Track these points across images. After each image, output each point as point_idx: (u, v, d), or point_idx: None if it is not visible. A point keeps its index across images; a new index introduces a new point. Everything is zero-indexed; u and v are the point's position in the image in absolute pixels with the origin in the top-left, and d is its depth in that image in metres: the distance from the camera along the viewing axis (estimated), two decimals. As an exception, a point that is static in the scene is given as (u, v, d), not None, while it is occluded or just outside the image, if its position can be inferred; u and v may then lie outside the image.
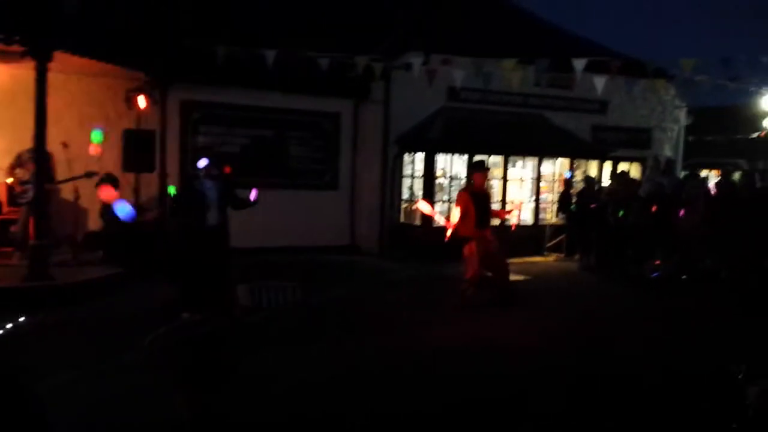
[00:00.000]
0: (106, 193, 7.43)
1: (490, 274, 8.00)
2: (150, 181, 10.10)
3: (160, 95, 10.20)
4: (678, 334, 7.09)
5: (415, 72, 10.97)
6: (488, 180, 8.37)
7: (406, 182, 12.57)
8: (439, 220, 8.38)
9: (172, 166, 10.59)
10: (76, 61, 8.35)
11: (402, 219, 12.55)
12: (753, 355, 5.76)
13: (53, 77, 7.73)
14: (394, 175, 12.55)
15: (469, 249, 7.75)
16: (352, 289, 9.20)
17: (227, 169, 7.88)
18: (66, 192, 9.06)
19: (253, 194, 7.10)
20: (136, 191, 9.79)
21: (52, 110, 7.76)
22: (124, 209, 6.34)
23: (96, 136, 7.24)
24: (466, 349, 6.28)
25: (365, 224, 12.68)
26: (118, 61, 8.80)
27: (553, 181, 13.29)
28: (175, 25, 10.65)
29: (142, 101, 9.46)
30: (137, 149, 9.27)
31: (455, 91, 12.52)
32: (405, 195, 12.56)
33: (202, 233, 6.83)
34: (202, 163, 6.95)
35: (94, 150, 7.55)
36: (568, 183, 12.41)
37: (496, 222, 9.30)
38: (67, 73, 9.29)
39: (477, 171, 8.08)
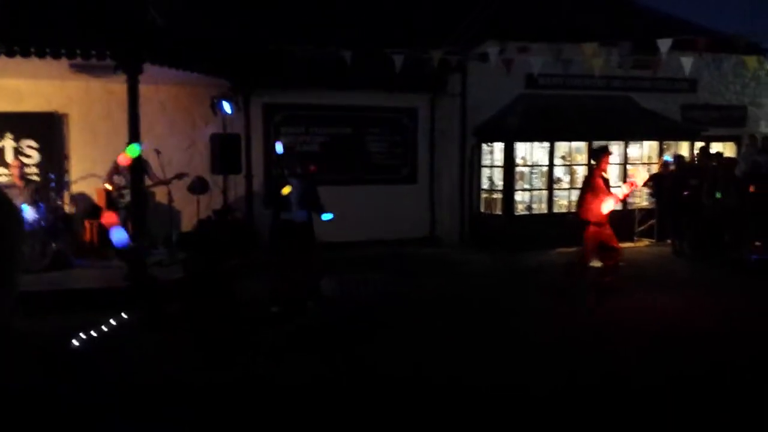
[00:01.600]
0: (107, 218, 7.75)
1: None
2: (237, 183, 10.48)
3: (243, 100, 10.55)
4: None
5: (492, 62, 10.86)
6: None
7: (485, 172, 12.45)
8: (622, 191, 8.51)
9: (257, 168, 10.97)
10: (165, 72, 8.80)
11: (482, 209, 12.44)
12: None
13: (143, 88, 8.16)
14: (472, 165, 12.46)
15: (596, 232, 7.69)
16: (437, 280, 9.21)
17: (313, 168, 8.07)
18: (160, 195, 9.57)
19: (325, 217, 7.24)
20: (224, 192, 10.18)
21: (144, 119, 8.19)
22: (119, 236, 6.52)
23: (133, 149, 7.62)
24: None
25: (445, 216, 12.66)
26: (202, 69, 9.19)
27: (642, 164, 12.79)
28: (255, 32, 11.05)
29: (226, 107, 9.83)
30: (224, 152, 9.64)
31: (533, 78, 12.25)
32: (485, 185, 12.45)
33: (287, 229, 7.05)
34: (278, 147, 7.20)
35: (124, 160, 7.95)
36: (665, 165, 11.86)
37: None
38: (156, 83, 9.79)
39: (605, 154, 8.10)
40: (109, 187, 9.51)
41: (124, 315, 6.76)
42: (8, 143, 9.84)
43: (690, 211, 10.66)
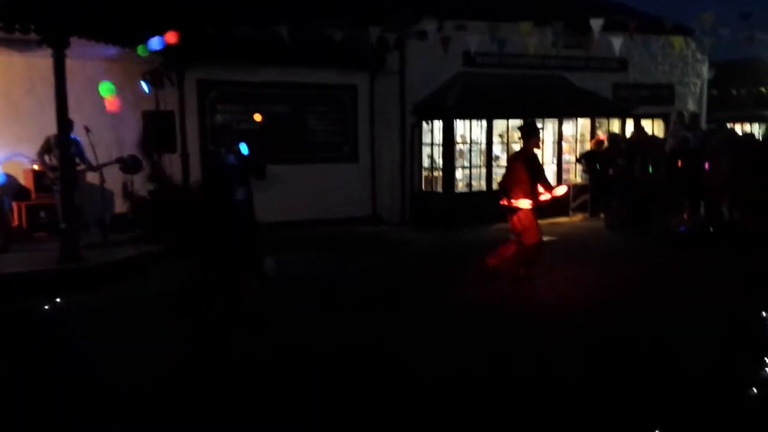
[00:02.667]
0: None
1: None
2: (172, 161, 10.19)
3: (177, 76, 10.24)
4: (703, 292, 7.01)
5: (430, 40, 10.88)
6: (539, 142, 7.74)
7: (425, 150, 12.54)
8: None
9: (193, 146, 10.68)
10: (93, 46, 8.42)
11: (423, 187, 12.54)
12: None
13: (70, 63, 7.81)
14: (413, 144, 12.52)
15: (526, 216, 7.16)
16: (379, 258, 9.24)
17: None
18: (91, 176, 9.20)
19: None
20: (160, 171, 9.88)
21: (71, 96, 7.84)
22: None
23: (105, 88, 7.32)
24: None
25: (386, 194, 12.69)
26: (132, 44, 8.83)
27: (575, 141, 13.16)
28: (188, 5, 10.68)
29: (144, 87, 9.48)
30: (157, 130, 9.35)
31: (471, 56, 12.39)
32: (425, 164, 12.53)
33: (229, 208, 6.90)
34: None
35: (110, 105, 7.62)
36: (599, 143, 12.21)
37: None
38: (84, 58, 9.36)
39: (532, 134, 7.40)
40: (37, 167, 9.11)
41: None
42: None
43: (621, 186, 11.05)
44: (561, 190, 7.77)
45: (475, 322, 5.98)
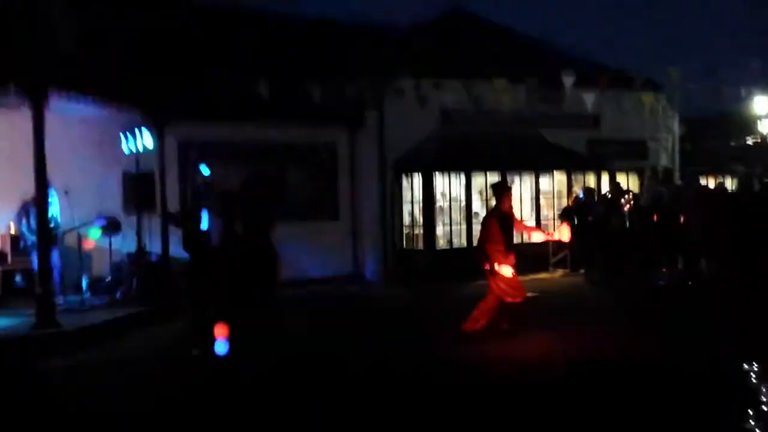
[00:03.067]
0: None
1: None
2: (152, 223, 10.09)
3: (157, 135, 10.24)
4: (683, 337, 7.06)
5: (407, 97, 11.14)
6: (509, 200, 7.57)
7: (406, 208, 12.63)
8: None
9: (173, 205, 10.62)
10: (73, 106, 8.43)
11: (404, 245, 12.57)
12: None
13: (52, 124, 7.80)
14: (393, 201, 12.61)
15: (507, 276, 7.18)
16: (351, 321, 9.11)
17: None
18: (69, 239, 9.10)
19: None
20: (138, 233, 9.78)
21: (51, 157, 7.75)
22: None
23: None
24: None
25: (368, 252, 12.69)
26: (113, 101, 8.87)
27: (553, 197, 13.35)
28: (169, 65, 10.84)
29: (138, 141, 9.47)
30: (137, 191, 9.32)
31: (448, 113, 12.67)
32: (406, 221, 12.60)
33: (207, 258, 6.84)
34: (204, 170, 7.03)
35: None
36: (576, 200, 12.40)
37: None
38: (64, 119, 9.36)
39: (504, 191, 7.45)
40: (12, 231, 9.01)
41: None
42: None
43: (598, 238, 11.18)
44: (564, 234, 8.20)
45: (454, 390, 5.86)
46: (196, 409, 5.33)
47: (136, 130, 9.45)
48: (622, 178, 13.52)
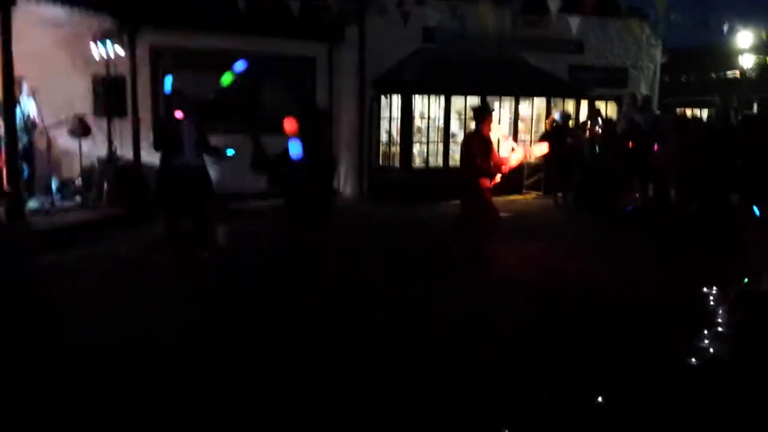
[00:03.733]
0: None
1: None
2: (123, 127, 9.91)
3: (128, 40, 9.93)
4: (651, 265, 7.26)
5: (390, 13, 10.82)
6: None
7: (384, 125, 12.52)
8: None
9: (144, 112, 10.41)
10: (42, 9, 8.12)
11: (381, 162, 12.54)
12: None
13: (19, 28, 7.52)
14: (371, 118, 12.48)
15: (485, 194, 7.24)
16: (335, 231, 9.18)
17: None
18: (39, 140, 8.90)
19: (230, 152, 7.04)
20: (109, 137, 9.60)
21: (19, 60, 7.50)
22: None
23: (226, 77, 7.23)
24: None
25: (344, 169, 12.65)
26: (83, 5, 8.55)
27: (531, 120, 13.33)
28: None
29: (109, 48, 9.18)
30: (108, 95, 9.09)
31: (431, 32, 12.38)
32: (383, 138, 12.52)
33: (180, 175, 6.76)
34: (167, 83, 6.89)
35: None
36: (553, 123, 12.38)
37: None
38: (32, 23, 9.00)
39: (485, 115, 7.40)
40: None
41: None
42: None
43: (574, 164, 11.28)
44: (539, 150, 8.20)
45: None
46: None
47: (108, 36, 9.14)
48: (601, 106, 13.52)
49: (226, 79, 7.18)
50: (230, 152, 6.98)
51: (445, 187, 10.81)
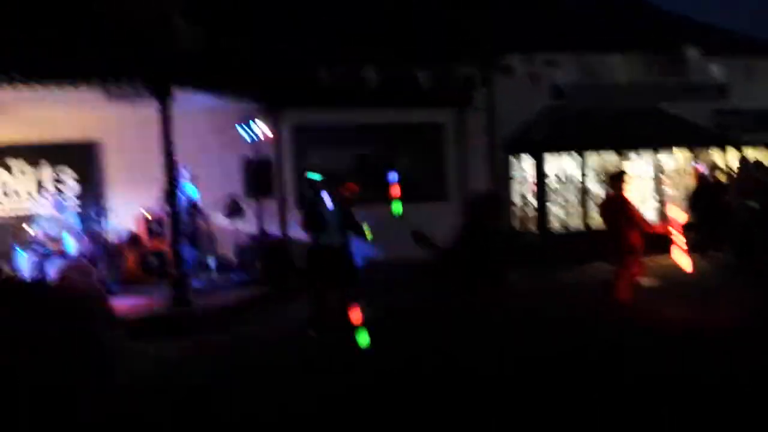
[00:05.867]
0: None
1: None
2: (270, 205, 10.47)
3: (273, 122, 10.59)
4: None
5: (518, 75, 10.88)
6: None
7: (517, 188, 12.40)
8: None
9: (289, 189, 11.01)
10: (196, 98, 8.92)
11: (515, 225, 12.37)
12: None
13: (176, 115, 8.26)
14: (503, 180, 12.41)
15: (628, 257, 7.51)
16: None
17: (352, 187, 8.08)
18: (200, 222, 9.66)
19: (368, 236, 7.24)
20: (259, 217, 10.19)
21: (178, 145, 8.22)
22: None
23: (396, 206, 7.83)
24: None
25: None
26: (231, 93, 9.33)
27: (677, 175, 12.61)
28: (281, 54, 11.17)
29: (255, 130, 9.84)
30: (256, 176, 9.71)
31: (560, 88, 12.27)
32: (517, 201, 12.38)
33: (324, 251, 7.07)
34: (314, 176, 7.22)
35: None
36: (702, 177, 11.66)
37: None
38: (188, 109, 9.88)
39: (620, 179, 7.76)
40: (148, 215, 9.68)
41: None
42: (46, 173, 10.02)
43: (730, 220, 10.51)
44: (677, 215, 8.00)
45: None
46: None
47: (254, 119, 9.84)
48: (751, 153, 12.61)
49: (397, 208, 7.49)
50: (369, 236, 7.20)
51: (586, 250, 10.46)
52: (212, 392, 5.53)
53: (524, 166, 12.26)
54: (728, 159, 12.59)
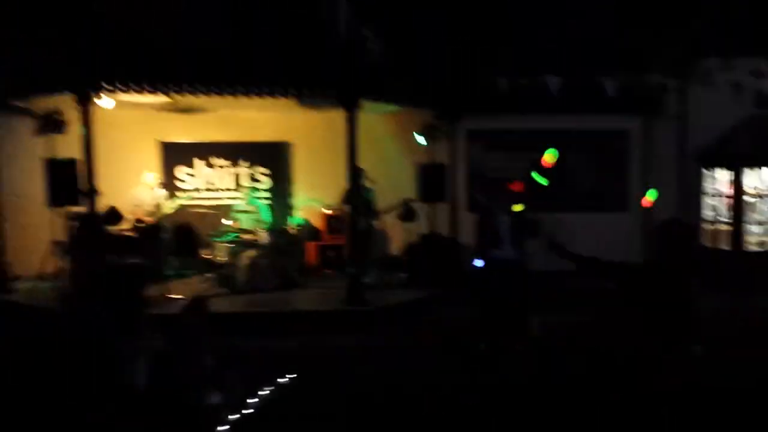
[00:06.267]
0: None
1: None
2: (442, 209, 10.61)
3: (449, 128, 10.73)
4: None
5: (716, 81, 9.99)
6: None
7: (708, 202, 11.40)
8: None
9: (461, 193, 11.09)
10: (375, 107, 9.36)
11: (705, 242, 11.39)
12: None
13: (360, 121, 8.70)
14: (693, 193, 11.48)
15: None
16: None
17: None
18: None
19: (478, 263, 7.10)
20: (431, 220, 10.38)
21: (361, 149, 8.68)
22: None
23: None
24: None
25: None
26: (412, 103, 9.62)
27: None
28: (459, 61, 11.27)
29: (421, 139, 10.00)
30: (430, 180, 9.89)
31: (765, 97, 11.06)
32: (708, 216, 11.39)
33: (498, 266, 7.01)
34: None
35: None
36: None
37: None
38: (369, 113, 10.33)
39: None
40: (329, 211, 10.29)
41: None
42: (243, 170, 11.02)
43: None
44: None
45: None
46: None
47: (430, 127, 10.04)
48: None
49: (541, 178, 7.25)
50: (478, 263, 7.05)
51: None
52: (390, 388, 5.75)
53: (718, 179, 11.23)
54: None
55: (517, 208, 7.07)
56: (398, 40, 10.23)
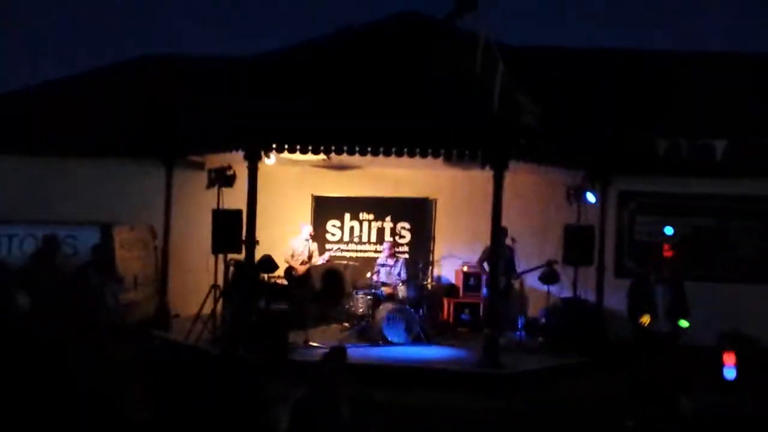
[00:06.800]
0: None
1: None
2: (587, 275, 10.17)
3: (600, 189, 10.34)
4: None
5: None
6: None
7: None
8: None
9: (609, 258, 10.58)
10: (525, 166, 9.25)
11: None
12: None
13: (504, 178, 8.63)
14: None
15: None
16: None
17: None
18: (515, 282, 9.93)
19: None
20: (574, 284, 10.00)
21: (504, 207, 8.53)
22: None
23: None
24: None
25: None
26: (563, 164, 9.43)
27: None
28: (611, 120, 10.95)
29: (591, 197, 9.71)
30: (577, 243, 9.55)
31: None
32: None
33: (648, 338, 6.60)
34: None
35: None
36: None
37: None
38: (515, 172, 10.25)
39: None
40: (466, 269, 10.28)
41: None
42: (387, 224, 11.36)
43: None
44: None
45: None
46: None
47: (581, 188, 9.77)
48: None
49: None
50: (683, 324, 6.54)
51: None
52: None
53: None
54: None
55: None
56: (556, 101, 10.15)
